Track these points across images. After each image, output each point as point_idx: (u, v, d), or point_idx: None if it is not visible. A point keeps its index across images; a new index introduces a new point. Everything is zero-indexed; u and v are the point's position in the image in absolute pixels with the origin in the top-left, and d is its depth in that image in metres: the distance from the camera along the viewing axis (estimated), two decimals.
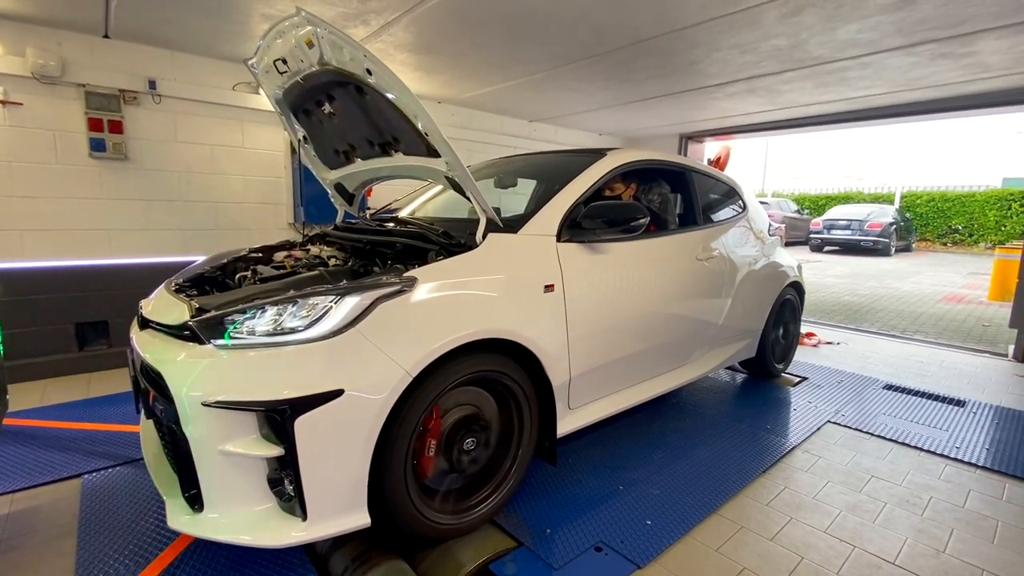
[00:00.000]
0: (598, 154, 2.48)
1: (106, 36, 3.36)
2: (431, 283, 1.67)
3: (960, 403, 3.24)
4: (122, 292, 3.55)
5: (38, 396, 3.07)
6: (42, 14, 3.01)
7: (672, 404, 3.11)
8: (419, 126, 1.80)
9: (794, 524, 1.94)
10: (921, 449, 2.59)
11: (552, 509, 1.98)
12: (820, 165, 27.19)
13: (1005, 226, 15.88)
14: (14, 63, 3.08)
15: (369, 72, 1.72)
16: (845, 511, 2.04)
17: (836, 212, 15.18)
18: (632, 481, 2.20)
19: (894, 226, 14.03)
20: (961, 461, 2.47)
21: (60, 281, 3.40)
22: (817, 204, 19.46)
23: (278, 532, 1.44)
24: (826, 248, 14.85)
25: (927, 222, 17.53)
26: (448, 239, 1.91)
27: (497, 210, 2.03)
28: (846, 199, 18.88)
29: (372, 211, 2.91)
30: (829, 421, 2.91)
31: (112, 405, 2.95)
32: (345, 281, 1.69)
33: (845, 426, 2.86)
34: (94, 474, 2.19)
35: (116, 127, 3.44)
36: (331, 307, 1.51)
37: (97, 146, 3.39)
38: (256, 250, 2.43)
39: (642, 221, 2.07)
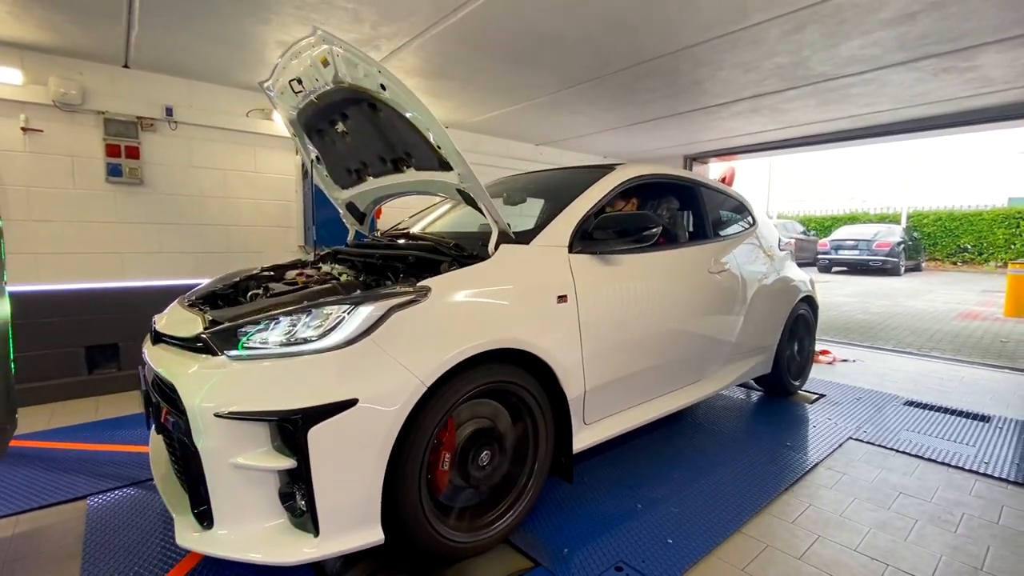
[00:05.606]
0: (607, 168, 2.50)
1: (126, 66, 3.48)
2: (444, 293, 1.66)
3: (985, 419, 3.15)
4: (132, 315, 3.57)
5: (45, 419, 3.04)
6: (66, 45, 3.12)
7: (689, 422, 3.04)
8: (431, 139, 1.82)
9: (822, 542, 1.86)
10: (949, 465, 2.50)
11: (569, 528, 1.91)
12: (824, 187, 27.21)
13: (1015, 244, 15.77)
14: (37, 92, 3.18)
15: (383, 87, 1.76)
16: (875, 528, 1.95)
17: (843, 232, 15.06)
18: (651, 500, 2.13)
19: (902, 245, 13.92)
20: (992, 476, 2.38)
21: (71, 304, 3.42)
22: (823, 225, 19.46)
23: (289, 549, 1.39)
24: (834, 269, 14.75)
25: (935, 241, 17.43)
26: (460, 251, 1.92)
27: (508, 226, 2.04)
28: (852, 219, 18.84)
29: (381, 232, 2.93)
30: (851, 438, 2.83)
31: (120, 428, 2.92)
32: (359, 292, 1.69)
33: (868, 443, 2.77)
34: (100, 496, 2.14)
35: (133, 152, 3.51)
36: (345, 317, 1.50)
37: (114, 171, 3.46)
38: (268, 269, 2.44)
39: (654, 231, 2.06)
